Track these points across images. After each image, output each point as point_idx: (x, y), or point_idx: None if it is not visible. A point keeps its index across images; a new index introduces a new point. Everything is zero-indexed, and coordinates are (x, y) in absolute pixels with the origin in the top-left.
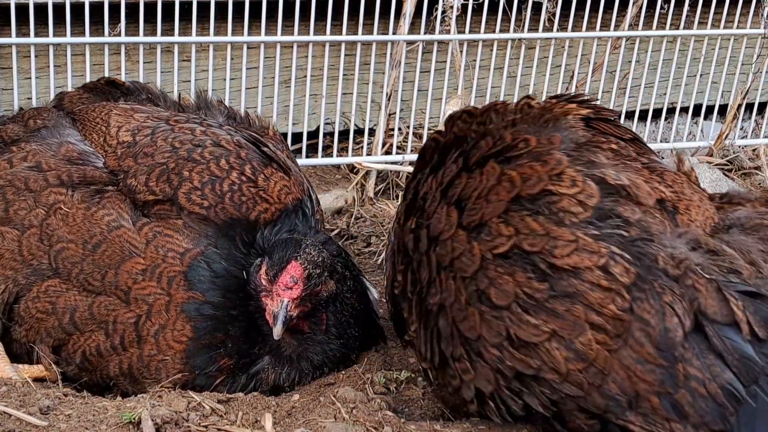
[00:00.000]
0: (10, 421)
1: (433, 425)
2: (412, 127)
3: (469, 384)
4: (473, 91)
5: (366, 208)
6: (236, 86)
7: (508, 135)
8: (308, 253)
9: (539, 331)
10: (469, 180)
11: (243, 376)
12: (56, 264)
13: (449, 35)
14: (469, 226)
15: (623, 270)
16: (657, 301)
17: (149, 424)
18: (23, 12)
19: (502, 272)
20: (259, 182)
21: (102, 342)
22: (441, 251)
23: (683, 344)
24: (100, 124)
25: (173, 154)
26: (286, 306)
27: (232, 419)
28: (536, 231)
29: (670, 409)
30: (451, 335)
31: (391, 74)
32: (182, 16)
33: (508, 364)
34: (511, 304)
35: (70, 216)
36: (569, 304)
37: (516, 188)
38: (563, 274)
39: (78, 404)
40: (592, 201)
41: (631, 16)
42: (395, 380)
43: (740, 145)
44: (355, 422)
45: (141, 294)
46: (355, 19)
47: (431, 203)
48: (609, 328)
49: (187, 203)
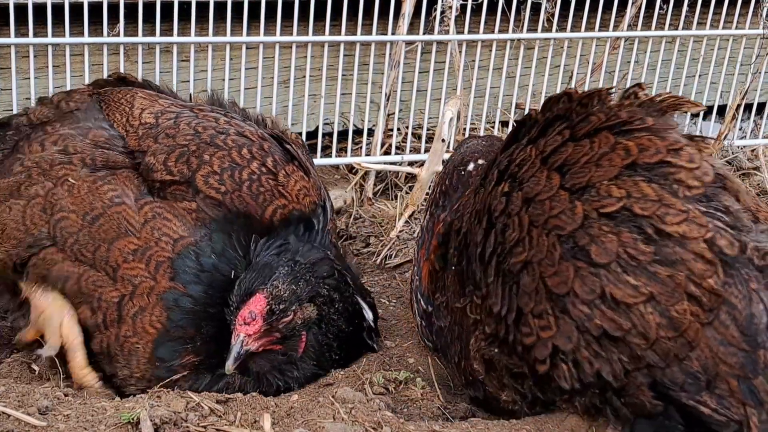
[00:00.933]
0: (9, 422)
1: (432, 425)
2: (411, 128)
3: (546, 341)
4: (472, 91)
5: (365, 208)
6: (235, 86)
7: (623, 113)
8: (275, 285)
9: (637, 293)
10: (576, 148)
11: (208, 375)
12: (54, 233)
13: (448, 35)
14: (573, 187)
15: (728, 243)
16: (744, 287)
17: (148, 425)
18: (22, 12)
19: (607, 231)
20: (279, 177)
21: (88, 317)
22: (536, 210)
23: (766, 332)
24: (125, 105)
25: (195, 137)
26: (242, 341)
27: (231, 419)
28: (649, 196)
29: (748, 394)
30: (536, 290)
31: (390, 74)
32: (181, 17)
33: (597, 322)
34: (611, 262)
35: (75, 188)
36: (672, 270)
37: (632, 156)
38: (669, 241)
39: (77, 404)
40: (707, 178)
41: (630, 17)
42: (394, 380)
43: (739, 146)
44: (354, 422)
45: (128, 274)
46: (354, 19)
47: (528, 169)
48: (705, 300)
49: (204, 186)
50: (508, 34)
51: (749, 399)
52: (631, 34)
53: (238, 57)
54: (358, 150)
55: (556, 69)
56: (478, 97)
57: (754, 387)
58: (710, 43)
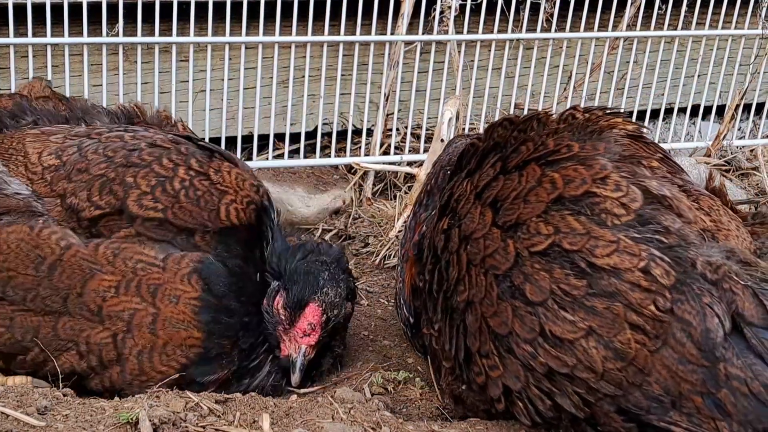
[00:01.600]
0: (8, 422)
1: (431, 425)
2: (410, 128)
3: (497, 381)
4: (471, 91)
5: (364, 208)
6: (234, 86)
7: (550, 141)
8: (326, 293)
9: (575, 328)
10: (506, 182)
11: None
12: (5, 291)
13: (447, 35)
14: (505, 225)
15: (663, 272)
16: (697, 302)
17: (147, 425)
18: (21, 12)
19: (539, 268)
20: (211, 175)
21: (76, 362)
22: (472, 249)
23: (723, 345)
24: (16, 153)
25: (109, 163)
26: (304, 353)
27: (230, 419)
28: (577, 230)
29: (714, 408)
30: (479, 330)
31: (389, 74)
32: (180, 17)
33: (541, 360)
34: (546, 300)
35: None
36: (608, 302)
37: (558, 189)
38: (603, 273)
39: (75, 404)
40: (635, 205)
41: (629, 17)
42: (393, 380)
43: (738, 146)
44: (353, 422)
45: (114, 311)
46: (353, 19)
47: (464, 205)
48: (648, 328)
49: (140, 210)
50: (507, 34)
51: (717, 413)
52: (630, 34)
53: (237, 57)
54: (357, 150)
55: (555, 69)
56: (477, 97)
57: (719, 400)
58: (709, 43)
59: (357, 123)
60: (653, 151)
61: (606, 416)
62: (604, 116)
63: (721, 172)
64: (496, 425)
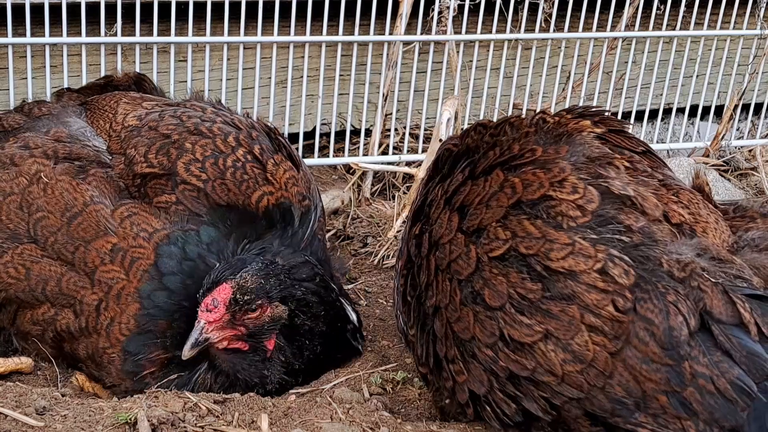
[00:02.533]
0: (6, 422)
1: (430, 425)
2: (409, 128)
3: (463, 386)
4: (469, 91)
5: (362, 208)
6: (232, 86)
7: (516, 146)
8: (243, 277)
9: (532, 331)
10: (473, 187)
11: (176, 372)
12: (35, 232)
13: (446, 36)
14: (469, 230)
15: (622, 272)
16: (661, 300)
17: (145, 425)
18: (19, 12)
19: (497, 273)
20: (267, 165)
21: (72, 321)
22: (440, 254)
23: (689, 342)
24: (108, 111)
25: (179, 125)
26: (201, 328)
27: (229, 420)
28: (533, 234)
29: (680, 407)
30: (445, 336)
31: (387, 75)
32: (179, 17)
33: (502, 364)
34: (504, 304)
35: (50, 187)
36: (564, 305)
37: (517, 194)
38: (558, 276)
39: (74, 405)
40: (591, 206)
41: (627, 17)
42: (391, 381)
43: (736, 146)
44: (352, 423)
45: (105, 277)
46: (351, 19)
47: (435, 210)
48: (607, 329)
49: (185, 173)
50: (505, 34)
51: (682, 412)
52: (628, 35)
53: (236, 57)
54: (356, 150)
55: (553, 69)
56: (475, 98)
57: (684, 399)
58: (707, 44)
59: (355, 123)
60: (635, 144)
61: (575, 421)
62: (573, 119)
63: (720, 172)
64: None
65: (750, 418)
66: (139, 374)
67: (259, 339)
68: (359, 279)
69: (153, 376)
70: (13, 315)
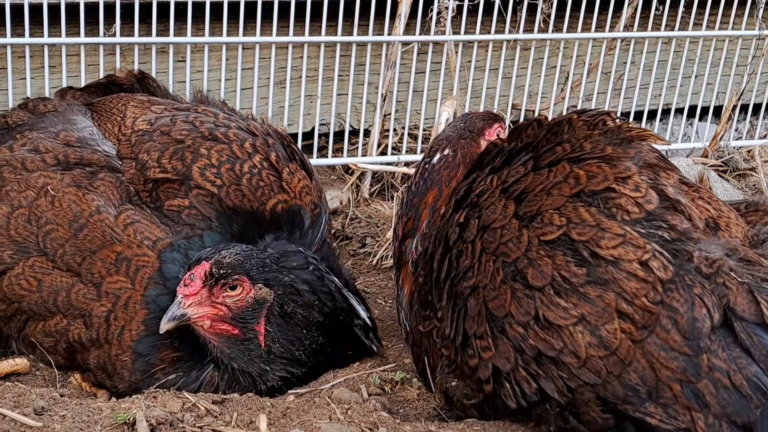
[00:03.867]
0: (5, 422)
1: (428, 426)
2: (407, 128)
3: (488, 362)
4: (468, 92)
5: (361, 208)
6: (231, 87)
7: (587, 144)
8: (221, 254)
9: (567, 315)
10: (535, 177)
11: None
12: (44, 244)
13: (444, 36)
14: (525, 216)
15: (661, 266)
16: (687, 291)
17: (144, 425)
18: (18, 12)
19: (543, 255)
20: (282, 173)
21: (83, 332)
22: (489, 238)
23: (710, 336)
24: (116, 114)
25: (192, 131)
26: (179, 302)
27: (227, 420)
28: (587, 221)
29: (692, 398)
30: (478, 313)
31: (386, 75)
32: (177, 17)
33: (531, 342)
34: (545, 285)
35: (57, 199)
36: (602, 291)
37: (580, 185)
38: (602, 262)
39: (72, 405)
40: (649, 206)
41: (626, 18)
42: (390, 381)
43: (735, 146)
44: (350, 423)
45: (112, 288)
46: (350, 19)
47: (488, 198)
48: (637, 318)
49: (200, 178)
50: (504, 34)
51: (694, 402)
52: (627, 35)
53: (235, 57)
54: (355, 150)
55: (552, 70)
56: (474, 98)
57: (698, 390)
58: (706, 44)
59: (354, 123)
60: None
61: (586, 404)
62: (637, 128)
63: (719, 172)
64: (493, 425)
65: (763, 415)
66: (149, 372)
67: (246, 323)
68: (358, 279)
69: (163, 372)
70: (22, 325)
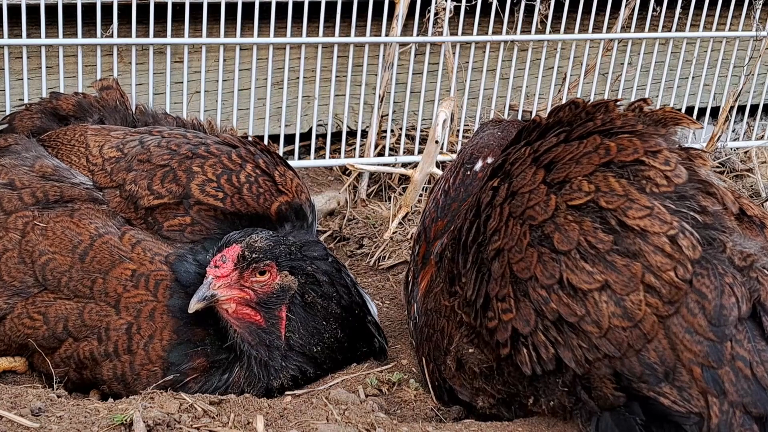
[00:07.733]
0: (1, 423)
1: (426, 426)
2: (405, 129)
3: (507, 324)
4: (466, 93)
5: (358, 209)
6: (228, 87)
7: (618, 120)
8: (253, 238)
9: (592, 279)
10: (566, 147)
11: (216, 376)
12: (44, 277)
13: (442, 37)
14: (553, 182)
15: (690, 245)
16: (718, 279)
17: (141, 426)
18: (15, 13)
19: (571, 219)
20: (275, 177)
21: (95, 347)
22: (516, 203)
23: (736, 325)
24: (78, 145)
25: (173, 155)
26: (209, 283)
27: (224, 421)
28: (616, 191)
29: (711, 382)
30: (502, 276)
31: (383, 76)
32: (175, 18)
33: (553, 306)
34: (571, 249)
35: (49, 229)
36: (628, 261)
37: (610, 155)
38: (630, 232)
39: (69, 406)
40: (678, 180)
41: (623, 18)
42: (387, 382)
43: (732, 148)
44: (348, 424)
45: (132, 302)
46: (347, 20)
47: (519, 166)
48: (664, 292)
49: (201, 195)
50: (501, 35)
51: (712, 387)
52: (624, 36)
53: (232, 58)
54: (352, 151)
55: (549, 71)
56: (471, 99)
57: (718, 376)
58: (703, 45)
59: (351, 124)
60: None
61: (600, 379)
62: (674, 112)
63: (716, 173)
64: (491, 426)
65: None
66: (182, 381)
67: (269, 308)
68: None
69: (196, 381)
70: (28, 357)
